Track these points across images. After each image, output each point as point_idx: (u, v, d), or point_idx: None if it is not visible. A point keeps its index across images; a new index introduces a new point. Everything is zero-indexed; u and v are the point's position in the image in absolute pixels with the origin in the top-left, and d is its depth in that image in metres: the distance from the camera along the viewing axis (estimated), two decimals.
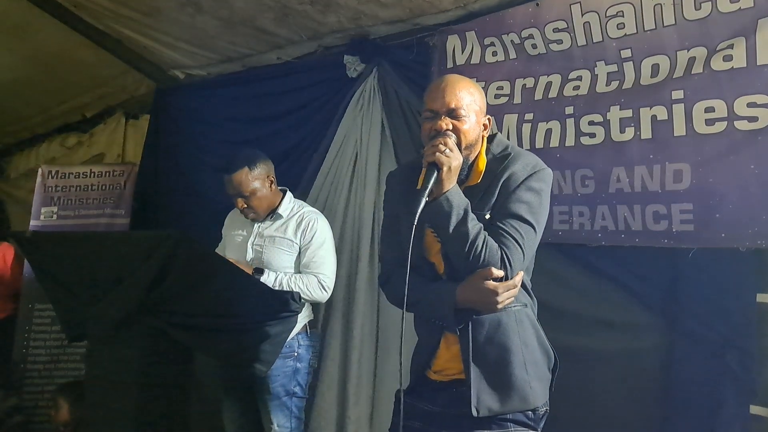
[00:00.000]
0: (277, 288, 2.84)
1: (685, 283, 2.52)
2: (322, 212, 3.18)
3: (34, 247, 2.89)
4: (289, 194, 3.11)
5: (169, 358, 2.52)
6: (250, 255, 3.00)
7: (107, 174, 4.66)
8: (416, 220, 1.78)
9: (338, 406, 3.43)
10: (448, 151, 1.81)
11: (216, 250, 3.15)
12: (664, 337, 2.59)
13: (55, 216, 4.57)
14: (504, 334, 1.88)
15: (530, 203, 1.86)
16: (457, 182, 1.88)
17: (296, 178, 3.66)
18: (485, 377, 1.87)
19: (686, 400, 2.48)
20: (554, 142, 2.80)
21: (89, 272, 2.57)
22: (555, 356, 2.02)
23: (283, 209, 3.03)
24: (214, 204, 4.20)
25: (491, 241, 1.80)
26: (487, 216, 1.87)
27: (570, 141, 2.75)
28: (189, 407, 2.62)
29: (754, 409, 2.38)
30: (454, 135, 1.87)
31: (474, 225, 1.80)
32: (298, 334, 2.92)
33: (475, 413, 1.83)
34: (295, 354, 2.92)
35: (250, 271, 2.85)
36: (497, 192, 1.89)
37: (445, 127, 1.87)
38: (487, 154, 1.96)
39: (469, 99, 1.91)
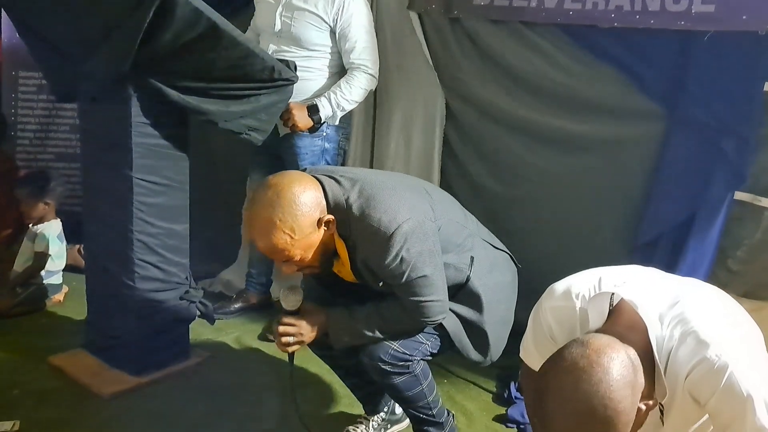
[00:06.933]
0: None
1: (693, 69, 2.46)
2: None
3: (14, 2, 2.70)
4: None
5: (166, 121, 2.47)
6: (278, 26, 2.88)
7: None
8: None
9: None
10: (292, 340, 1.88)
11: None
12: (662, 124, 2.59)
13: None
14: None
15: (406, 269, 1.78)
16: (333, 270, 1.93)
17: None
18: None
19: (673, 177, 2.53)
20: None
21: (75, 26, 2.42)
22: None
23: None
24: None
25: (395, 312, 1.86)
26: (381, 284, 1.86)
27: None
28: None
29: (739, 195, 2.44)
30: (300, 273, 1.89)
31: (370, 328, 1.86)
32: None
33: None
34: (324, 134, 2.91)
35: (305, 112, 2.80)
36: (371, 269, 1.84)
37: (290, 271, 1.84)
38: (339, 233, 1.83)
39: (285, 245, 1.72)
